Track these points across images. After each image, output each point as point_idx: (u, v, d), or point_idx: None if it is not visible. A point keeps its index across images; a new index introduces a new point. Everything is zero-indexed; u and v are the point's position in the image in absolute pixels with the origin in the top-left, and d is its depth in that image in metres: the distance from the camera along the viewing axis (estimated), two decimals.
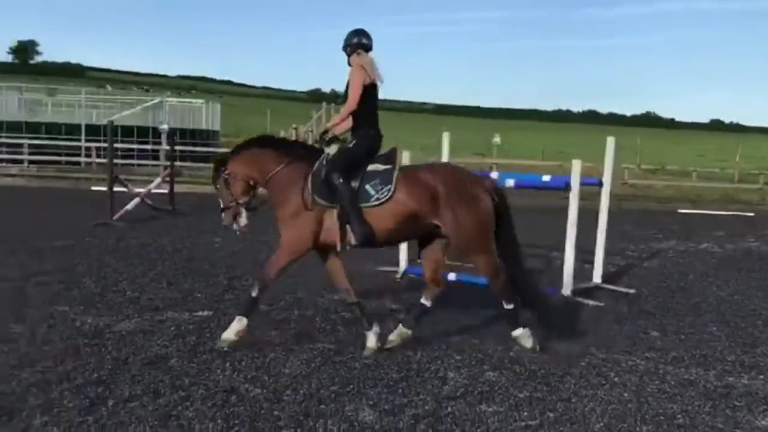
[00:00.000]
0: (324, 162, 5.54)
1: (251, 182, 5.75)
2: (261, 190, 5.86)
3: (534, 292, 5.98)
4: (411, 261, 9.10)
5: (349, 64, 5.71)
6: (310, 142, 15.82)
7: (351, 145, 5.68)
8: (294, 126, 14.13)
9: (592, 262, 8.61)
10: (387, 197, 5.41)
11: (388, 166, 5.59)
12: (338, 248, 5.61)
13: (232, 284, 7.77)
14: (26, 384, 4.56)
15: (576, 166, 7.79)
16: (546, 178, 8.38)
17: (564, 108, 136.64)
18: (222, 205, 5.83)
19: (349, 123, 5.76)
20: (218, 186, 5.83)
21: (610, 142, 8.17)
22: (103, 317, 6.20)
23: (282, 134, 24.17)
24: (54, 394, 4.41)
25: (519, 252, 5.86)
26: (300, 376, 4.95)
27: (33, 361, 4.98)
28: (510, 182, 7.98)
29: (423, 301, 5.82)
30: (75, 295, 6.95)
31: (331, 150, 5.62)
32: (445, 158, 9.21)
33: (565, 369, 5.36)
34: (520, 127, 63.86)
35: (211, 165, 6.03)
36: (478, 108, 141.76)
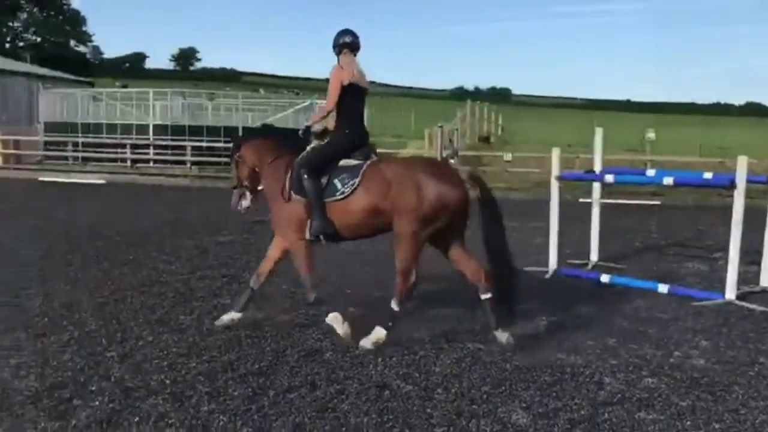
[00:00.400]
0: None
1: (255, 168, 6.07)
2: None
3: (512, 283, 5.85)
4: (562, 261, 8.89)
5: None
6: (455, 139, 15.84)
7: (324, 143, 5.80)
8: (440, 125, 14.15)
9: (759, 264, 8.03)
10: (350, 191, 5.52)
11: (359, 162, 5.64)
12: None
13: (380, 282, 7.87)
14: (194, 372, 4.85)
15: (742, 163, 7.29)
16: (708, 175, 7.89)
17: (723, 101, 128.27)
18: (232, 186, 6.26)
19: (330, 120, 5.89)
20: (232, 167, 6.27)
21: None
22: (262, 310, 6.48)
23: (427, 133, 24.35)
24: (220, 383, 4.66)
25: (502, 241, 5.76)
26: (450, 374, 4.95)
27: (200, 351, 5.29)
28: (669, 180, 7.61)
29: (481, 296, 5.59)
30: (236, 289, 7.30)
31: (313, 146, 5.79)
32: (597, 155, 8.91)
33: (732, 378, 5.03)
34: (675, 122, 60.69)
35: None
36: (628, 102, 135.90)
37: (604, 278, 8.03)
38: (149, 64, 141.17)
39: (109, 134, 24.71)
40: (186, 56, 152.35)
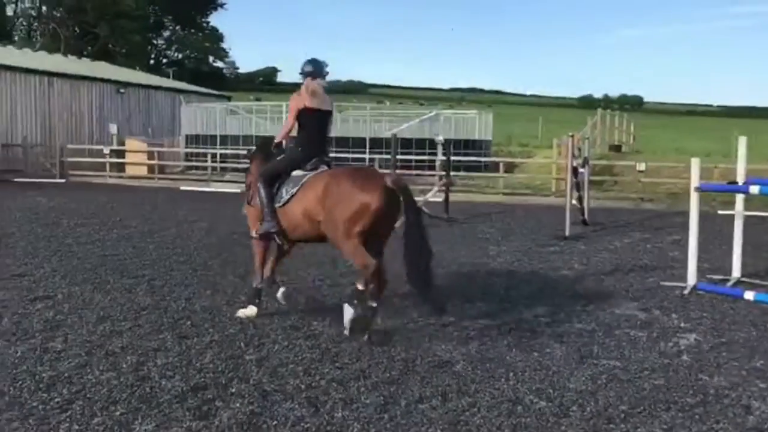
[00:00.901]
0: None
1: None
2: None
3: (427, 284, 6.03)
4: (702, 277, 8.45)
5: None
6: (586, 148, 15.41)
7: (279, 157, 6.61)
8: (570, 134, 13.82)
9: None
10: (289, 198, 6.25)
11: (305, 173, 6.35)
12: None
13: (509, 294, 7.76)
14: (328, 378, 4.94)
15: None
16: None
17: None
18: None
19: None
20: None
21: None
22: (392, 319, 6.53)
23: (555, 142, 23.85)
24: (352, 390, 4.72)
25: (420, 242, 5.95)
26: (586, 392, 4.79)
27: (333, 357, 5.39)
28: None
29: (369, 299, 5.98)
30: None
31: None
32: (741, 165, 8.41)
33: None
34: None
35: None
36: (762, 108, 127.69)
37: (748, 295, 7.55)
38: (281, 77, 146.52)
39: (246, 146, 25.80)
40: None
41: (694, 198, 8.28)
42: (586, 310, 7.04)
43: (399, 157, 20.23)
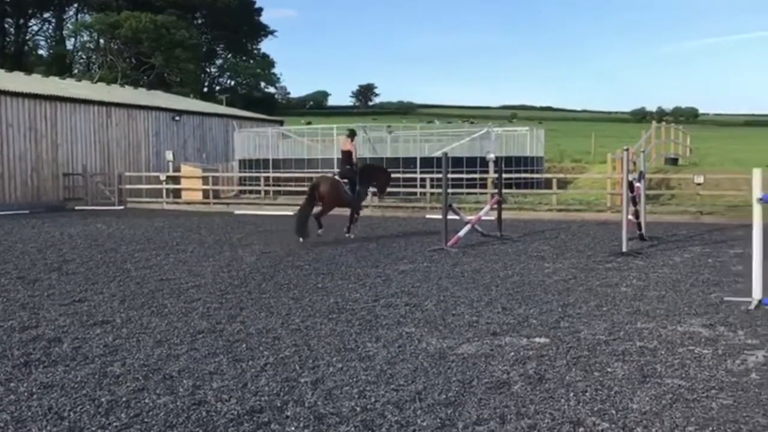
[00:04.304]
0: None
1: None
2: None
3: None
4: (766, 293, 8.13)
5: None
6: (641, 161, 15.08)
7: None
8: (625, 147, 13.56)
9: None
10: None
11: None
12: None
13: (566, 311, 7.59)
14: (383, 401, 4.87)
15: None
16: None
17: None
18: None
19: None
20: None
21: None
22: (446, 339, 6.44)
23: (610, 156, 23.43)
24: (408, 412, 4.64)
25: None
26: (650, 412, 4.61)
27: (388, 379, 5.33)
28: None
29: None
30: (419, 317, 7.33)
31: None
32: None
33: None
34: None
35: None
36: None
37: None
38: (331, 101, 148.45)
39: (297, 169, 26.08)
40: (365, 92, 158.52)
41: (756, 209, 8.00)
42: (647, 328, 6.83)
43: (450, 175, 20.15)
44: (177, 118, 33.95)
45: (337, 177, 14.85)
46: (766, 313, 7.43)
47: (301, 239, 13.66)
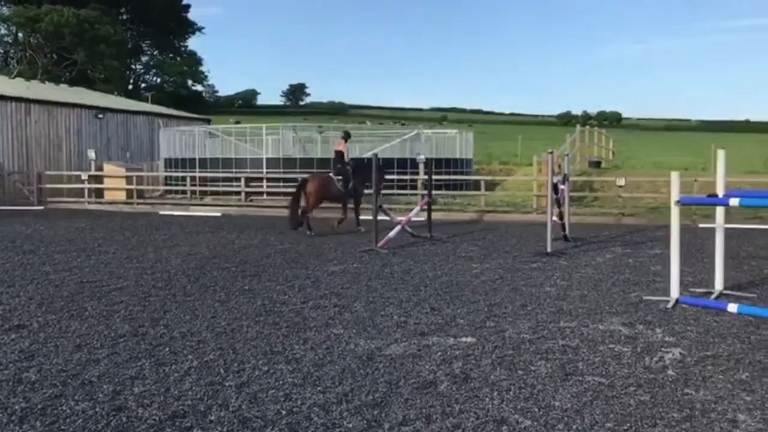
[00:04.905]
0: None
1: None
2: None
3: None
4: (684, 290, 8.45)
5: None
6: (565, 164, 15.44)
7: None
8: (550, 150, 13.87)
9: None
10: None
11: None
12: None
13: (493, 311, 7.71)
14: (309, 403, 4.84)
15: None
16: None
17: None
18: None
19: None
20: None
21: None
22: (374, 340, 6.45)
23: (535, 159, 23.94)
24: (335, 414, 4.63)
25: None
26: (571, 410, 4.73)
27: (314, 381, 5.30)
28: None
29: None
30: (348, 318, 7.32)
31: None
32: (720, 178, 8.46)
33: None
34: None
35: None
36: (747, 122, 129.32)
37: (732, 308, 7.55)
38: (261, 100, 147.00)
39: (225, 168, 25.69)
40: (296, 92, 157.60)
41: (674, 211, 8.30)
42: (570, 326, 7.01)
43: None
44: (100, 115, 33.02)
45: (330, 174, 16.17)
46: (683, 311, 7.71)
47: (310, 233, 15.14)
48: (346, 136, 16.83)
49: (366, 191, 15.79)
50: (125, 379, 5.33)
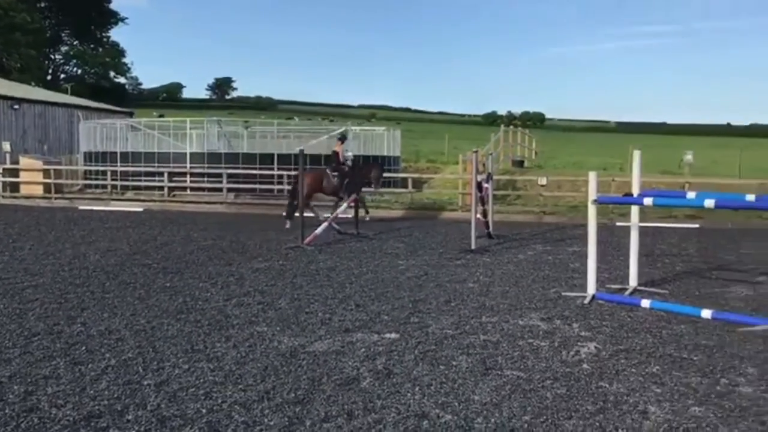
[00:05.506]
0: None
1: None
2: None
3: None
4: (601, 286, 8.73)
5: None
6: (489, 163, 15.75)
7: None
8: (474, 149, 14.10)
9: None
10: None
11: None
12: None
13: (417, 307, 7.79)
14: (231, 401, 4.80)
15: None
16: (750, 197, 7.70)
17: (761, 122, 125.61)
18: None
19: None
20: None
21: None
22: (298, 337, 6.43)
23: (461, 158, 24.25)
24: (256, 412, 4.60)
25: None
26: (490, 403, 4.83)
27: (236, 379, 5.25)
28: (710, 203, 7.39)
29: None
30: (272, 316, 7.27)
31: None
32: (636, 178, 8.76)
33: None
34: (712, 145, 59.80)
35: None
36: (664, 124, 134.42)
37: (645, 303, 7.84)
38: (186, 94, 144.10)
39: (147, 163, 25.07)
40: (222, 86, 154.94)
41: (592, 210, 8.56)
42: (491, 322, 7.14)
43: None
44: (16, 106, 31.76)
45: (328, 170, 16.66)
46: (599, 307, 7.97)
47: (288, 222, 15.64)
48: (343, 138, 17.81)
49: (364, 189, 16.51)
50: (38, 379, 5.16)
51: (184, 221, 17.30)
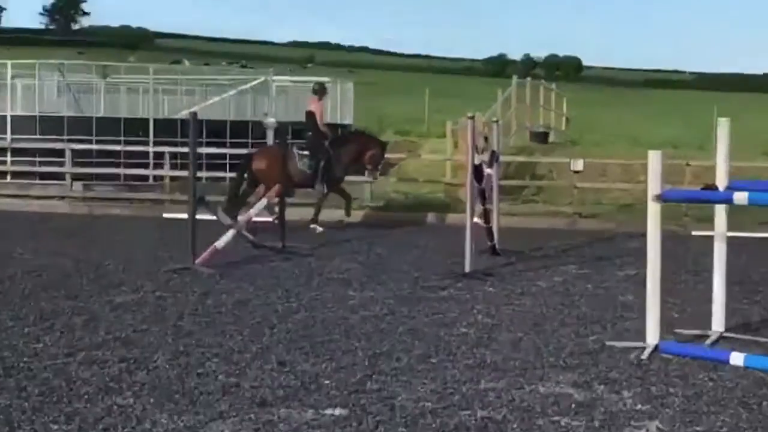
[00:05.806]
0: None
1: None
2: None
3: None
4: (667, 331, 8.77)
5: None
6: (495, 136, 15.75)
7: None
8: (471, 114, 14.02)
9: None
10: None
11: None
12: None
13: (377, 366, 7.76)
14: None
15: None
16: None
17: None
18: None
19: None
20: None
21: None
22: (184, 415, 6.35)
23: (449, 128, 24.31)
24: None
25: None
26: None
27: None
28: None
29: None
30: (141, 380, 7.18)
31: None
32: (722, 161, 8.83)
33: None
34: None
35: None
36: (755, 77, 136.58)
37: (736, 358, 7.89)
38: (7, 21, 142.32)
39: None
40: (65, 10, 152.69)
41: (653, 211, 8.57)
42: (495, 388, 7.13)
43: (203, 150, 19.97)
44: None
45: (294, 149, 16.96)
46: (664, 364, 8.01)
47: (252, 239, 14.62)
48: (321, 91, 17.58)
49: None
50: None
51: (0, 228, 17.09)
